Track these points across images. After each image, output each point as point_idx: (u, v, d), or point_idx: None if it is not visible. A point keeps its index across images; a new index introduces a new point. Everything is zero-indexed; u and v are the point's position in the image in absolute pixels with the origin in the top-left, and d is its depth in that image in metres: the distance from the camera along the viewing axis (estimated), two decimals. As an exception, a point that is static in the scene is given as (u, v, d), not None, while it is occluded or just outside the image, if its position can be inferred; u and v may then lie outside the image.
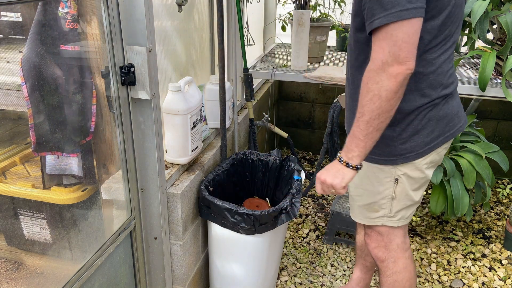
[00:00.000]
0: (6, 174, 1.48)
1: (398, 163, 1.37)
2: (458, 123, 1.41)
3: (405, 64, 1.10)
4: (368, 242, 1.58)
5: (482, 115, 3.06)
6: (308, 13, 2.38)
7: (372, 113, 1.15)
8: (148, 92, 1.37)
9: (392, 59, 1.10)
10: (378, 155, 1.38)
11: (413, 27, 1.10)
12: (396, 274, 1.54)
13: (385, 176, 1.41)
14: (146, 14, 1.30)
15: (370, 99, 1.15)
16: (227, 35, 2.18)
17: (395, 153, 1.36)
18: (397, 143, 1.34)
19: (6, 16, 1.26)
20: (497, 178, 2.95)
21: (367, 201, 1.48)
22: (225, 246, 1.79)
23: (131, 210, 1.50)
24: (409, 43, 1.10)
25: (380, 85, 1.13)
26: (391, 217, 1.48)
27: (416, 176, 1.41)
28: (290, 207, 1.74)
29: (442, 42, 1.26)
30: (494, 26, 2.28)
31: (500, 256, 2.39)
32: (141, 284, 1.63)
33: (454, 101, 1.39)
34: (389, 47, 1.10)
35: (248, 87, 2.31)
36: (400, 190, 1.42)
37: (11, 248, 1.50)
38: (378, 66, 1.12)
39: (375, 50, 1.13)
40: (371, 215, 1.50)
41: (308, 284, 2.17)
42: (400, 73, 1.11)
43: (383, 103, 1.14)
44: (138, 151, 1.47)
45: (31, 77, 1.25)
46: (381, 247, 1.54)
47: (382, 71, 1.12)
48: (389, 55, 1.11)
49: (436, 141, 1.37)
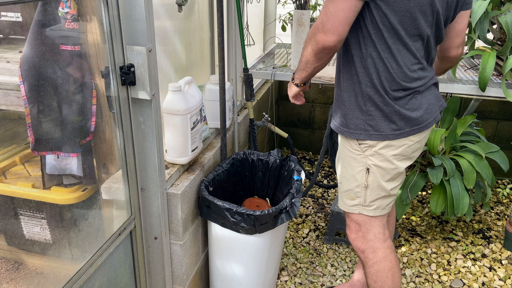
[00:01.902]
0: (6, 174, 1.48)
1: (362, 138, 1.46)
2: (427, 120, 1.48)
3: (328, 36, 1.29)
4: (348, 233, 1.66)
5: (482, 115, 3.06)
6: (308, 13, 2.38)
7: (307, 56, 1.42)
8: (148, 92, 1.37)
9: (322, 27, 1.30)
10: (346, 126, 1.50)
11: (344, 3, 1.25)
12: (377, 264, 1.59)
13: (358, 165, 1.51)
14: (146, 14, 1.30)
15: (305, 47, 1.41)
16: (227, 35, 2.18)
17: (361, 127, 1.45)
18: (364, 117, 1.44)
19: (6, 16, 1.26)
20: (497, 178, 2.95)
21: (345, 188, 1.60)
22: (225, 246, 1.79)
23: (131, 210, 1.50)
24: (335, 18, 1.27)
25: (311, 41, 1.36)
26: (366, 206, 1.56)
27: (386, 167, 1.49)
28: (290, 207, 1.74)
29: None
30: (494, 26, 2.28)
31: (500, 256, 2.39)
32: (141, 284, 1.63)
33: (424, 97, 1.46)
34: (322, 16, 1.30)
35: (248, 87, 2.31)
36: (372, 180, 1.51)
37: (11, 248, 1.50)
38: (314, 27, 1.34)
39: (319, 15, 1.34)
40: (348, 203, 1.60)
41: (308, 284, 2.17)
42: (321, 41, 1.31)
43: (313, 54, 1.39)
44: (138, 151, 1.47)
45: (29, 77, 1.25)
46: (359, 238, 1.61)
47: (313, 34, 1.34)
48: (320, 22, 1.30)
49: (402, 130, 1.45)
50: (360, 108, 1.44)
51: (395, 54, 1.36)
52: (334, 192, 2.98)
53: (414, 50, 1.38)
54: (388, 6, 1.29)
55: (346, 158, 1.56)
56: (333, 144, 2.64)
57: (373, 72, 1.39)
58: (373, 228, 1.59)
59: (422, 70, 1.44)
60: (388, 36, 1.34)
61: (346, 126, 1.49)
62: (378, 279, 1.59)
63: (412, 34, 1.35)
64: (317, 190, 3.00)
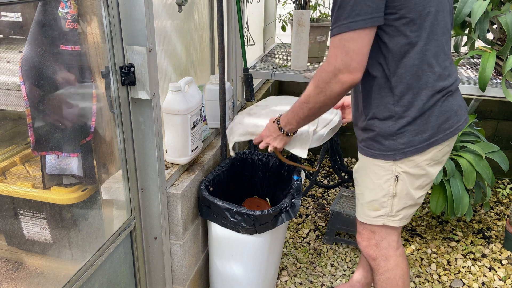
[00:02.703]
0: (6, 174, 1.48)
1: (397, 159, 1.39)
2: (457, 122, 1.41)
3: (354, 74, 1.23)
4: (359, 241, 1.60)
5: (482, 115, 3.06)
6: (308, 13, 2.38)
7: (316, 104, 1.35)
8: (148, 92, 1.37)
9: (344, 67, 1.23)
10: (378, 149, 1.40)
11: (364, 39, 1.21)
12: (388, 272, 1.55)
13: (386, 174, 1.42)
14: (146, 14, 1.30)
15: (317, 94, 1.32)
16: (227, 35, 2.18)
17: (394, 147, 1.38)
18: (395, 137, 1.37)
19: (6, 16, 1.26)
20: (497, 178, 2.95)
21: (368, 199, 1.49)
22: (225, 246, 1.79)
23: (131, 210, 1.50)
24: (360, 55, 1.22)
25: (329, 86, 1.28)
26: (392, 217, 1.48)
27: (416, 173, 1.42)
28: (290, 207, 1.74)
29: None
30: (494, 26, 2.28)
31: (500, 256, 2.39)
32: (141, 284, 1.63)
33: (454, 99, 1.40)
34: (341, 55, 1.23)
35: (248, 87, 2.31)
36: (401, 188, 1.43)
37: (11, 248, 1.50)
38: (331, 69, 1.25)
39: (330, 55, 1.25)
40: (371, 214, 1.50)
41: (308, 284, 2.17)
42: (347, 81, 1.24)
43: (327, 99, 1.31)
44: (138, 151, 1.47)
45: (30, 77, 1.25)
46: (371, 246, 1.55)
47: (333, 75, 1.25)
48: (341, 62, 1.23)
49: (436, 138, 1.38)
50: (390, 129, 1.36)
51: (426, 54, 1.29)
52: (334, 192, 2.98)
53: (444, 43, 1.33)
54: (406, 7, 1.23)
55: (370, 166, 1.45)
56: (333, 144, 2.64)
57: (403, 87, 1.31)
58: (388, 236, 1.53)
59: (451, 65, 1.38)
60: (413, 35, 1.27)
61: (378, 150, 1.40)
62: (388, 286, 1.57)
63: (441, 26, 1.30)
64: (317, 190, 3.00)
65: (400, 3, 1.22)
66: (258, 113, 1.83)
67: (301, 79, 2.45)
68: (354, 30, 1.20)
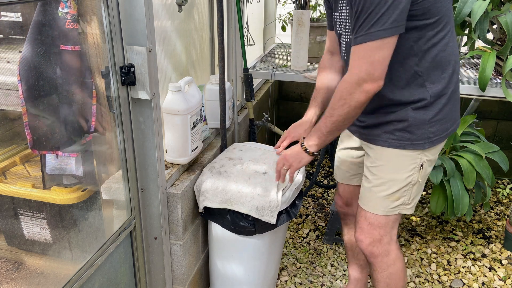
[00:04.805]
0: (6, 174, 1.48)
1: (426, 147, 1.41)
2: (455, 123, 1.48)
3: (377, 82, 1.25)
4: (361, 239, 1.56)
5: (482, 115, 3.06)
6: (308, 13, 2.38)
7: (340, 117, 1.33)
8: (148, 92, 1.37)
9: (369, 77, 1.24)
10: (408, 139, 1.41)
11: (390, 48, 1.22)
12: (391, 267, 1.56)
13: (411, 163, 1.44)
14: (146, 14, 1.30)
15: (341, 105, 1.31)
16: (227, 35, 2.18)
17: (424, 136, 1.40)
18: (427, 126, 1.39)
19: (6, 16, 1.26)
20: (497, 178, 2.95)
21: (391, 191, 1.47)
22: (225, 246, 1.79)
23: (131, 210, 1.50)
24: (384, 64, 1.23)
25: (353, 97, 1.28)
26: (407, 204, 1.50)
27: (433, 160, 1.47)
28: (290, 207, 1.74)
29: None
30: (494, 26, 2.28)
31: (500, 256, 2.39)
32: (141, 284, 1.63)
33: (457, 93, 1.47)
34: (366, 65, 1.23)
35: (248, 87, 2.31)
36: (423, 175, 1.47)
37: (11, 248, 1.50)
38: (356, 81, 1.26)
39: (354, 65, 1.26)
40: (390, 205, 1.49)
41: (308, 284, 2.17)
42: (371, 90, 1.25)
43: (351, 110, 1.31)
44: (138, 151, 1.47)
45: (27, 76, 1.25)
46: (375, 242, 1.53)
47: (357, 86, 1.26)
48: (366, 73, 1.24)
49: (452, 128, 1.44)
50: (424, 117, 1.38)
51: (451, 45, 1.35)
52: (334, 192, 2.98)
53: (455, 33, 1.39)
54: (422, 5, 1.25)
55: (395, 158, 1.45)
56: (333, 144, 2.64)
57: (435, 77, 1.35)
58: (392, 230, 1.53)
59: None
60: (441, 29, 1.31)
61: (408, 140, 1.40)
62: (392, 281, 1.56)
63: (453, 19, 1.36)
64: (317, 190, 3.00)
65: None
66: (229, 171, 1.73)
67: (301, 79, 2.45)
68: (382, 39, 1.19)
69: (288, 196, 1.70)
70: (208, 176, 1.71)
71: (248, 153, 1.87)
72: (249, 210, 1.63)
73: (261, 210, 1.63)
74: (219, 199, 1.66)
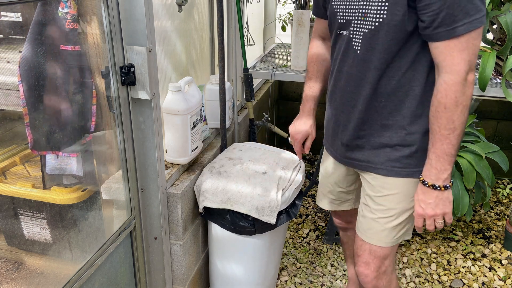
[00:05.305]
0: (6, 174, 1.48)
1: None
2: None
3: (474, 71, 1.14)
4: (367, 274, 1.43)
5: (482, 115, 3.06)
6: (308, 13, 2.38)
7: (462, 125, 1.16)
8: (148, 92, 1.37)
9: (470, 68, 1.12)
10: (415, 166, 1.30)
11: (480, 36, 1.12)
12: None
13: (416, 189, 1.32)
14: (146, 14, 1.30)
15: (461, 112, 1.14)
16: (227, 35, 2.18)
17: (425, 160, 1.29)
18: None
19: (6, 16, 1.26)
20: (497, 178, 2.95)
21: (400, 220, 1.36)
22: (225, 246, 1.79)
23: (131, 210, 1.50)
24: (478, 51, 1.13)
25: (467, 95, 1.14)
26: (408, 230, 1.41)
27: None
28: (290, 207, 1.74)
29: None
30: (494, 26, 2.28)
31: (500, 256, 2.39)
32: (141, 284, 1.63)
33: None
34: (469, 56, 1.11)
35: (248, 87, 2.31)
36: None
37: (11, 248, 1.50)
38: (463, 77, 1.12)
39: (456, 62, 1.12)
40: (398, 234, 1.38)
41: (308, 284, 2.17)
42: (473, 79, 1.13)
43: (467, 111, 1.15)
44: (138, 151, 1.47)
45: (28, 76, 1.25)
46: (381, 274, 1.43)
47: (465, 81, 1.13)
48: (469, 64, 1.12)
49: None
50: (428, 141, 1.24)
51: None
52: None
53: None
54: None
55: (404, 187, 1.32)
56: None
57: None
58: (393, 257, 1.44)
59: None
60: None
61: (415, 166, 1.29)
62: None
63: None
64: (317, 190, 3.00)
65: None
66: (229, 171, 1.73)
67: (301, 79, 2.45)
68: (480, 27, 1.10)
69: (288, 196, 1.70)
70: (208, 176, 1.71)
71: (248, 153, 1.87)
72: (249, 210, 1.63)
73: (261, 210, 1.63)
74: (219, 199, 1.66)
